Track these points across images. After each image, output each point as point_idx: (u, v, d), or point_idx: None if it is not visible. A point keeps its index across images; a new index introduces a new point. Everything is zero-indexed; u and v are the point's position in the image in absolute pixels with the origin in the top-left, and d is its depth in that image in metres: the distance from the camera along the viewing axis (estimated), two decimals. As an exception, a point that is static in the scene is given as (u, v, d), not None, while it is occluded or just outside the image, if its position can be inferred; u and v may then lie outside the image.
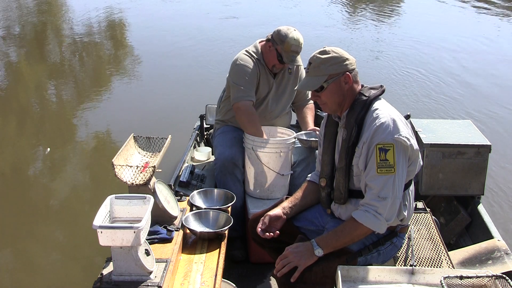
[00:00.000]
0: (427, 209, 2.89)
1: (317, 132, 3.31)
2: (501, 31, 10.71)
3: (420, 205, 2.93)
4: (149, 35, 9.92)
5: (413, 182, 2.27)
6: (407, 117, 3.19)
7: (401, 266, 2.38)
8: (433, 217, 2.85)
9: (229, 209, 2.82)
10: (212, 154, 3.79)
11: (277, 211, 2.37)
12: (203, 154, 3.87)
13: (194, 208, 2.74)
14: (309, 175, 2.56)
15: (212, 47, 8.74)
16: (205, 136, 4.27)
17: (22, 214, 4.28)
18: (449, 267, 2.43)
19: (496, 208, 4.26)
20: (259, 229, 2.32)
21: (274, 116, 3.41)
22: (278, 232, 2.31)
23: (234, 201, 2.83)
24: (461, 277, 1.97)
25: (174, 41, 9.34)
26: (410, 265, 2.20)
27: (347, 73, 2.17)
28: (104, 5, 12.50)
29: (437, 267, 2.41)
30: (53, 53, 9.55)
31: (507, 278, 1.94)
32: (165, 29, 10.29)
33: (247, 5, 12.70)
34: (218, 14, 11.51)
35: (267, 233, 2.31)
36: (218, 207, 2.77)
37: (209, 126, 4.24)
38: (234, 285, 2.64)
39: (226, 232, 2.57)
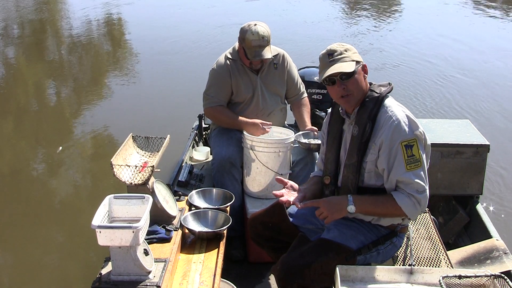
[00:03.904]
0: (426, 208, 2.89)
1: (315, 133, 3.31)
2: (502, 31, 10.71)
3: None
4: (148, 34, 9.90)
5: None
6: None
7: (400, 265, 2.38)
8: (431, 216, 2.85)
9: (228, 208, 2.81)
10: (211, 154, 3.79)
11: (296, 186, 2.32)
12: (202, 153, 3.87)
13: (192, 208, 2.74)
14: (312, 173, 2.56)
15: (211, 46, 8.73)
16: (204, 136, 4.27)
17: (20, 214, 4.27)
18: (447, 266, 2.43)
19: (495, 208, 4.26)
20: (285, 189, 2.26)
21: (267, 113, 3.38)
22: (297, 205, 2.20)
23: (233, 200, 2.83)
24: (460, 277, 1.97)
25: (173, 40, 9.33)
26: (409, 265, 2.19)
27: (364, 64, 2.20)
28: (103, 4, 12.49)
29: (435, 266, 2.41)
30: (52, 52, 9.54)
31: (505, 277, 1.95)
32: (164, 27, 10.27)
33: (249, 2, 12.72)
34: (218, 12, 11.50)
35: (287, 199, 2.20)
36: (216, 206, 2.77)
37: (207, 126, 4.24)
38: (233, 285, 2.64)
39: (225, 231, 2.57)
